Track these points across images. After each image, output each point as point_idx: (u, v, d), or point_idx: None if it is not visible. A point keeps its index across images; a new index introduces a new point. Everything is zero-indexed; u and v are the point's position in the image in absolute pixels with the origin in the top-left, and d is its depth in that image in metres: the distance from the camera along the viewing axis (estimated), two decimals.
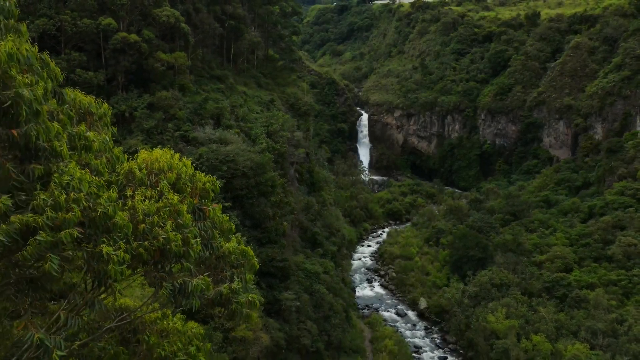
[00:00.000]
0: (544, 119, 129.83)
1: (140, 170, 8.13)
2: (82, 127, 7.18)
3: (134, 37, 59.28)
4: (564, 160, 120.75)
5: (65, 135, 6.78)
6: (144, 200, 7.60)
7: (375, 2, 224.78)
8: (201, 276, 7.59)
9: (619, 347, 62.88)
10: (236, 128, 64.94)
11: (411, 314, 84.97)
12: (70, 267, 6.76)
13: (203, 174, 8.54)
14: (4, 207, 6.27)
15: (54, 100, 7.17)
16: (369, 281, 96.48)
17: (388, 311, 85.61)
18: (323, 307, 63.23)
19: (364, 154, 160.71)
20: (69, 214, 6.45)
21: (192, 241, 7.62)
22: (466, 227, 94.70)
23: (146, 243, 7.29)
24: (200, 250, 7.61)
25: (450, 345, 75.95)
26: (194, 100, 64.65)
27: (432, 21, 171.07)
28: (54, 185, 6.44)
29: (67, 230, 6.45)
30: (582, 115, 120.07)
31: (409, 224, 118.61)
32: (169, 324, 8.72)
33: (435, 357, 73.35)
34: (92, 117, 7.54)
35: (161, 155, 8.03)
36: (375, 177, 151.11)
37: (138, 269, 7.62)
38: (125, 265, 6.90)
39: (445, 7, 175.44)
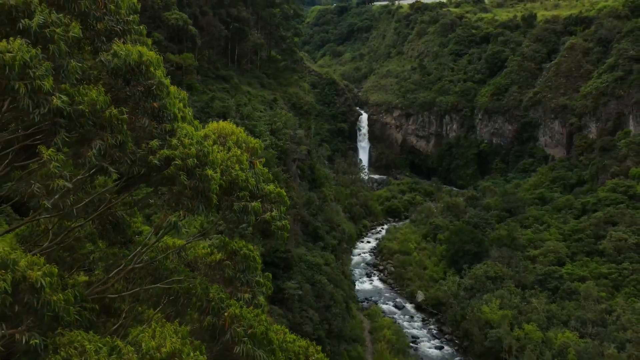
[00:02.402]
0: (540, 118, 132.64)
1: (213, 133, 11.36)
2: (180, 104, 10.38)
3: None
4: (559, 159, 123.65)
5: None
6: (219, 152, 10.80)
7: (375, 3, 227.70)
8: (254, 202, 10.85)
9: (607, 336, 65.84)
10: (241, 126, 67.69)
11: (409, 306, 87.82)
12: (190, 184, 9.80)
13: (252, 138, 11.84)
14: (155, 146, 9.43)
15: None
16: (369, 275, 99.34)
17: (387, 304, 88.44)
18: (324, 297, 66.07)
19: (364, 153, 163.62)
20: (192, 150, 9.70)
21: (251, 179, 10.80)
22: (463, 223, 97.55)
23: (224, 177, 10.48)
24: (254, 185, 10.93)
25: (446, 336, 78.89)
26: (201, 99, 67.64)
27: (431, 22, 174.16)
28: (179, 135, 9.75)
29: (191, 159, 9.66)
30: (577, 114, 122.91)
31: (407, 220, 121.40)
32: (216, 257, 11.86)
33: (432, 347, 76.21)
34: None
35: (226, 125, 11.42)
36: (375, 176, 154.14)
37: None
38: (217, 185, 10.05)
39: (444, 9, 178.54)
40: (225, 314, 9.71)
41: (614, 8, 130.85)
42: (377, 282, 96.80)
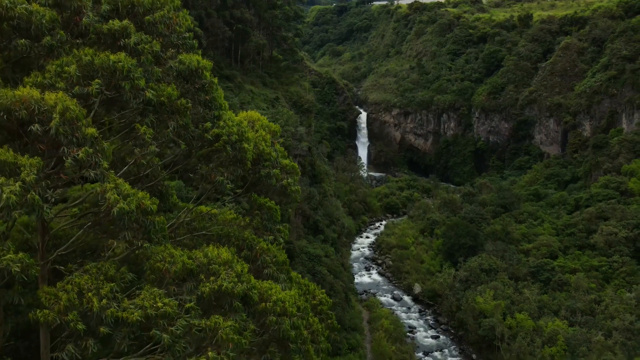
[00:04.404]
0: (535, 116, 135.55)
1: (245, 119, 14.47)
2: (222, 97, 13.49)
3: None
4: (554, 156, 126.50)
5: None
6: (250, 132, 13.88)
7: (374, 3, 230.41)
8: (275, 170, 13.97)
9: (596, 324, 68.78)
10: None
11: (406, 298, 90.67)
12: (232, 154, 12.82)
13: (273, 123, 14.93)
14: (208, 126, 12.43)
15: None
16: (367, 269, 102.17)
17: (385, 296, 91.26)
18: (324, 287, 68.30)
19: (363, 151, 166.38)
20: (234, 129, 12.70)
21: (273, 153, 13.90)
22: (459, 218, 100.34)
23: (254, 150, 13.53)
24: (275, 158, 14.06)
25: (442, 326, 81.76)
26: None
27: (429, 22, 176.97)
28: (224, 119, 12.80)
29: (234, 136, 12.64)
30: (571, 113, 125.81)
31: (405, 216, 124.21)
32: (240, 221, 14.93)
33: (428, 336, 79.08)
34: None
35: (253, 113, 14.53)
36: (374, 174, 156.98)
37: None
38: (251, 155, 13.11)
39: (442, 9, 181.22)
40: (257, 247, 12.79)
41: (609, 8, 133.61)
42: (375, 276, 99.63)
